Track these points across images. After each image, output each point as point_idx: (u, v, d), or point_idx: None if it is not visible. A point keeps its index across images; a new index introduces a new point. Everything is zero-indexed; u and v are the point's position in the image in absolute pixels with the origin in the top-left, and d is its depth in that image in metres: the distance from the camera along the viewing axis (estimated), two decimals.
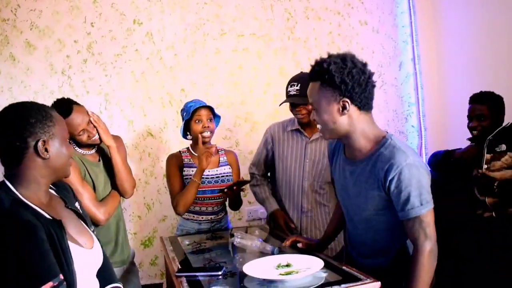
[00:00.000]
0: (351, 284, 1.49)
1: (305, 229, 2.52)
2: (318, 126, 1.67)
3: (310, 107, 2.39)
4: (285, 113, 2.59)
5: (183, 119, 2.52)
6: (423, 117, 3.87)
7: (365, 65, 1.60)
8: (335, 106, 1.57)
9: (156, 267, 3.30)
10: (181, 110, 2.57)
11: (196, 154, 2.51)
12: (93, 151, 2.28)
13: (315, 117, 1.66)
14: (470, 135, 2.66)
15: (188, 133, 2.57)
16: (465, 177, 2.60)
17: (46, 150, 1.32)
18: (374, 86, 1.62)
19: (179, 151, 2.60)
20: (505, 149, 2.44)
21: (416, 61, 3.89)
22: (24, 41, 3.05)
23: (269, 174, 2.72)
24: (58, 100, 2.18)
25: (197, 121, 2.45)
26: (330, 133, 1.65)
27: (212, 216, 2.53)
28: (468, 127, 2.64)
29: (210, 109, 2.50)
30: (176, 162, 2.53)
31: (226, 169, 2.59)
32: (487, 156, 2.49)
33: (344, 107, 1.57)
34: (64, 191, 1.54)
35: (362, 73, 1.56)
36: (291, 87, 2.43)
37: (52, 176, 1.38)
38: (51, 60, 3.10)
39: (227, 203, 2.65)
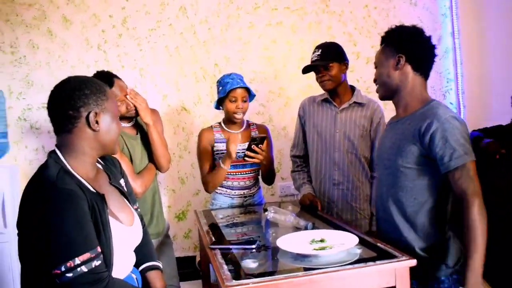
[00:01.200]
0: (386, 261, 1.47)
1: (336, 201, 2.48)
2: (376, 86, 1.84)
3: (332, 73, 2.39)
4: (319, 88, 2.55)
5: (218, 92, 2.51)
6: (462, 94, 3.75)
7: (428, 36, 1.75)
8: (391, 61, 1.73)
9: (189, 240, 3.37)
10: (217, 82, 2.54)
11: (229, 130, 2.53)
12: (131, 123, 2.31)
13: (375, 75, 1.84)
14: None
15: (221, 106, 2.56)
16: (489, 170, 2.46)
17: (97, 122, 1.35)
18: (433, 53, 1.75)
19: (211, 126, 2.61)
20: None
21: (455, 36, 3.74)
22: (61, 16, 3.09)
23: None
24: (98, 72, 2.21)
25: (231, 100, 2.44)
26: (383, 87, 1.79)
27: (245, 191, 2.54)
28: None
29: (246, 88, 2.48)
30: (207, 138, 2.54)
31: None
32: None
33: (398, 61, 1.71)
34: (112, 166, 1.57)
35: (421, 36, 1.73)
36: (313, 53, 2.46)
37: (99, 151, 1.41)
38: (87, 35, 3.14)
39: (260, 178, 2.65)
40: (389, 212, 1.75)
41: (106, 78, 2.12)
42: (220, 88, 2.48)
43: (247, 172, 2.53)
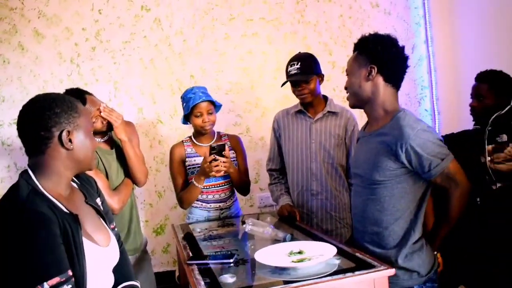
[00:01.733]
0: (365, 271, 1.47)
1: (316, 212, 2.47)
2: (347, 93, 1.81)
3: (312, 85, 2.39)
4: (295, 98, 2.55)
5: (183, 108, 2.48)
6: (437, 101, 3.80)
7: (402, 46, 1.74)
8: (363, 71, 1.72)
9: (168, 254, 3.31)
10: (181, 98, 2.51)
11: (199, 144, 2.51)
12: (105, 138, 2.27)
13: (346, 83, 1.81)
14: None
15: (188, 122, 2.52)
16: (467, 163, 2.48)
17: (70, 141, 1.31)
18: (406, 64, 1.74)
19: (182, 141, 2.57)
20: (506, 139, 2.28)
21: (429, 44, 3.81)
22: (32, 29, 3.04)
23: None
24: (67, 90, 2.16)
25: (197, 115, 2.42)
26: (353, 97, 1.78)
27: (221, 204, 2.52)
28: (470, 107, 2.54)
29: (210, 100, 2.44)
30: (178, 154, 2.52)
31: (230, 154, 2.51)
32: (488, 147, 2.34)
33: (370, 72, 1.70)
34: (87, 185, 1.53)
35: (394, 47, 1.71)
36: (291, 66, 2.42)
37: (75, 168, 1.37)
38: (59, 49, 3.09)
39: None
40: (366, 221, 1.75)
41: (77, 95, 2.07)
42: (184, 104, 2.46)
43: (221, 185, 2.51)
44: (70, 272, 1.20)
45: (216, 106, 2.50)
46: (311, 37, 3.57)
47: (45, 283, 1.13)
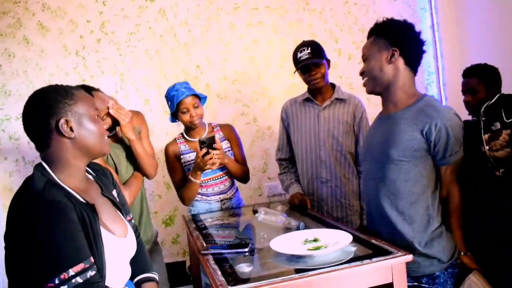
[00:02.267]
0: (382, 258, 1.46)
1: (325, 199, 2.47)
2: (363, 80, 1.79)
3: (323, 70, 2.39)
4: (302, 87, 2.54)
5: (168, 106, 2.45)
6: (444, 86, 3.78)
7: (419, 31, 1.74)
8: (384, 54, 1.70)
9: (178, 245, 3.32)
10: (165, 97, 2.47)
11: (191, 139, 2.49)
12: (113, 132, 2.26)
13: (363, 69, 1.78)
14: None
15: (177, 119, 2.48)
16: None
17: (71, 129, 1.29)
18: (423, 48, 1.73)
19: (175, 139, 2.54)
20: (500, 127, 2.31)
21: (435, 29, 3.77)
22: (37, 23, 3.02)
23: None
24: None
25: (183, 112, 2.39)
26: (373, 81, 1.75)
27: (221, 196, 2.50)
28: (464, 103, 2.55)
29: (194, 94, 2.40)
30: (173, 152, 2.49)
31: (224, 145, 2.49)
32: (485, 137, 2.36)
33: (392, 55, 1.68)
34: (103, 177, 1.52)
35: (412, 31, 1.71)
36: (300, 52, 2.40)
37: (85, 157, 1.35)
38: (64, 41, 3.07)
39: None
40: (381, 206, 1.72)
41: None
42: (169, 102, 2.43)
43: (219, 177, 2.49)
44: (92, 259, 1.20)
45: (201, 98, 2.45)
46: (317, 25, 3.55)
47: (70, 270, 1.14)
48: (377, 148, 1.75)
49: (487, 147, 2.35)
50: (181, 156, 2.49)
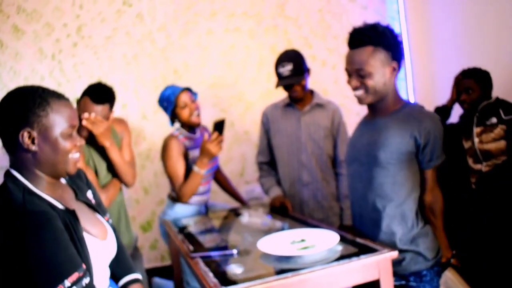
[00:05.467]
0: (368, 255, 1.52)
1: (307, 202, 2.53)
2: (357, 92, 1.71)
3: (303, 83, 2.43)
4: (279, 92, 2.59)
5: (165, 108, 2.46)
6: (413, 93, 3.92)
7: None
8: (388, 68, 1.67)
9: (156, 250, 3.31)
10: (160, 101, 2.48)
11: (192, 135, 2.51)
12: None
13: (367, 84, 1.67)
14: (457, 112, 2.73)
15: (175, 120, 2.50)
16: (454, 148, 2.65)
17: (33, 141, 1.20)
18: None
19: (175, 136, 2.51)
20: (496, 122, 2.49)
21: (404, 37, 3.91)
22: (12, 25, 2.97)
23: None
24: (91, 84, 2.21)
25: (182, 107, 2.41)
26: (374, 95, 1.70)
27: (203, 196, 2.53)
28: (458, 102, 2.71)
29: (188, 89, 2.46)
30: (178, 148, 2.44)
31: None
32: (476, 129, 2.53)
33: (394, 69, 1.68)
34: (76, 179, 1.46)
35: (398, 37, 1.69)
36: (282, 67, 2.42)
37: (49, 173, 1.26)
38: (40, 45, 3.03)
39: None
40: (367, 206, 1.77)
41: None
42: (165, 103, 2.44)
43: (209, 176, 2.53)
44: (84, 266, 1.18)
45: (194, 94, 2.50)
46: (292, 31, 3.62)
47: (66, 281, 1.11)
48: (364, 151, 1.78)
49: (477, 140, 2.51)
50: (188, 151, 2.47)
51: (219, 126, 2.28)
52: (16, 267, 1.11)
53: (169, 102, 2.41)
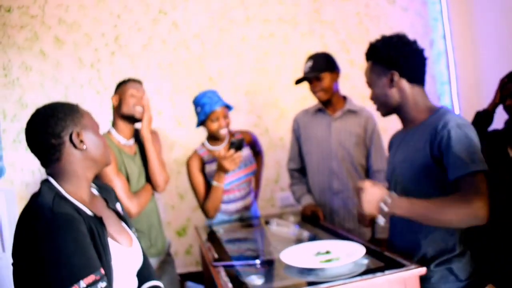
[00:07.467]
0: (395, 270, 1.45)
1: (337, 211, 2.46)
2: (375, 104, 1.75)
3: (324, 84, 2.40)
4: (314, 98, 2.54)
5: (196, 112, 2.46)
6: (457, 96, 3.76)
7: (413, 41, 1.68)
8: (383, 79, 1.66)
9: (191, 256, 3.33)
10: (193, 102, 2.48)
11: (213, 147, 2.50)
12: (132, 142, 2.29)
13: (371, 95, 1.74)
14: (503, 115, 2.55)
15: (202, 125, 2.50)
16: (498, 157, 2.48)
17: (81, 141, 1.34)
18: (423, 58, 1.68)
19: (195, 151, 2.53)
20: None
21: (447, 39, 3.77)
22: (53, 36, 3.08)
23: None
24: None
25: (213, 120, 2.40)
26: (383, 107, 1.72)
27: (239, 203, 2.51)
28: (504, 107, 2.53)
29: (226, 106, 2.44)
30: (196, 165, 2.47)
31: (245, 151, 2.52)
32: None
33: (392, 79, 1.64)
34: (106, 192, 1.55)
35: (406, 45, 1.65)
36: (305, 65, 2.46)
37: (93, 168, 1.39)
38: (79, 54, 3.13)
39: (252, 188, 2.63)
40: (403, 228, 1.67)
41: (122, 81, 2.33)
42: (199, 108, 2.43)
43: (242, 184, 2.50)
44: (103, 270, 1.21)
45: (230, 109, 2.49)
46: (328, 36, 3.56)
47: (81, 282, 1.14)
48: (399, 169, 1.68)
49: None
50: (206, 165, 2.48)
51: (236, 145, 2.28)
52: (36, 264, 1.16)
53: (203, 113, 2.41)
